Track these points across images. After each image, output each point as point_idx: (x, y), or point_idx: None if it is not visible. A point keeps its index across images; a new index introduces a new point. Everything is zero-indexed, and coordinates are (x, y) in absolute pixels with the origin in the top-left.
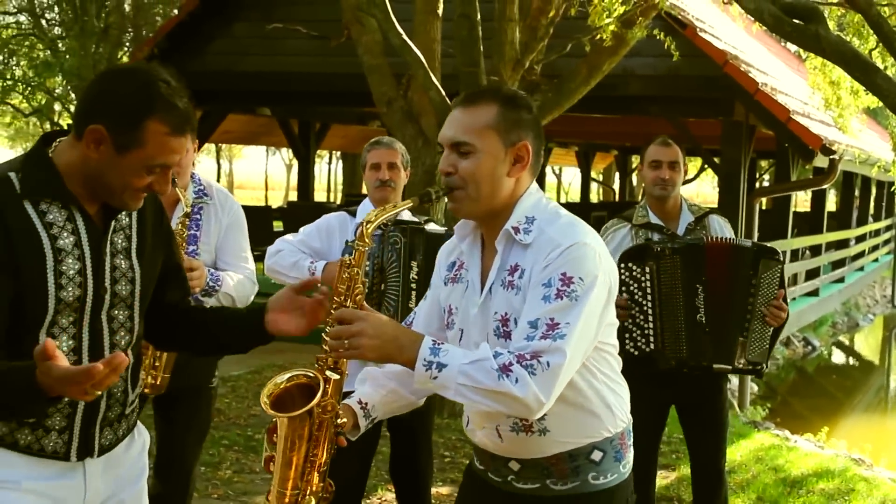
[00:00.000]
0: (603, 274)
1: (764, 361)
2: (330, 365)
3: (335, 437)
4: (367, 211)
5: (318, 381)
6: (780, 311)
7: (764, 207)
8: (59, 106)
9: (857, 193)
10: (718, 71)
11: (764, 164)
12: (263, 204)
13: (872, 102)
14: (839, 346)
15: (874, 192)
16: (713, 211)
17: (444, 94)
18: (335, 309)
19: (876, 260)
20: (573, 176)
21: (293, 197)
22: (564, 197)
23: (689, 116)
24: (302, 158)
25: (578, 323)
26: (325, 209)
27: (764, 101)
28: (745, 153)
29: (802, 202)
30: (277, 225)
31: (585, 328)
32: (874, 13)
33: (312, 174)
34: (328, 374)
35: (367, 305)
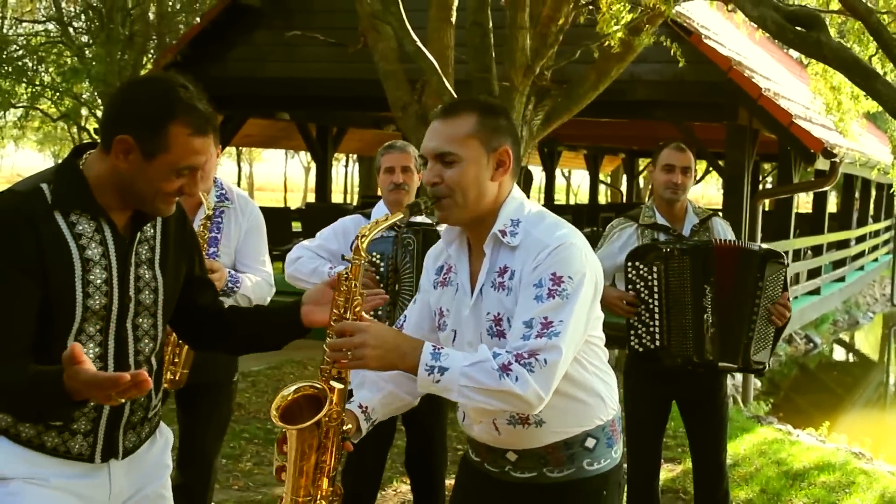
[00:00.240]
0: (590, 272)
1: (766, 361)
2: (334, 375)
3: (342, 442)
4: (381, 213)
5: (324, 391)
6: (784, 309)
7: (767, 209)
8: (85, 111)
9: (857, 195)
10: (723, 76)
11: (767, 166)
12: (282, 205)
13: (872, 107)
14: (840, 343)
15: (874, 194)
16: (716, 213)
17: (457, 98)
18: (335, 321)
19: (876, 260)
20: (582, 178)
21: (311, 199)
22: (573, 198)
23: (694, 120)
24: (320, 161)
25: (571, 320)
26: (341, 211)
27: (767, 105)
28: (748, 156)
29: (804, 204)
30: (296, 226)
31: (577, 324)
32: (874, 20)
33: (330, 176)
34: (332, 383)
35: (366, 316)
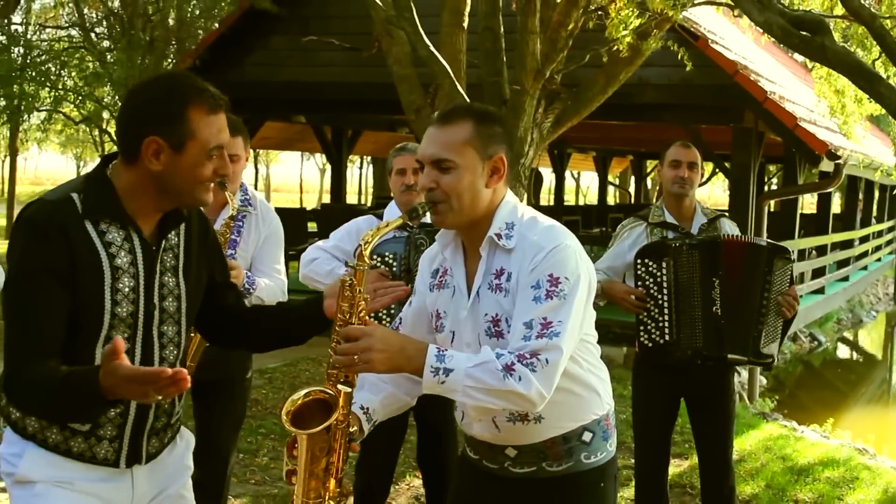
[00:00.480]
0: (584, 272)
1: (775, 354)
2: (341, 379)
3: (348, 444)
4: (393, 214)
5: (333, 396)
6: (793, 301)
7: (772, 209)
8: (107, 114)
9: (860, 196)
10: (729, 80)
11: (772, 168)
12: (298, 206)
13: (875, 110)
14: (844, 341)
15: (877, 195)
16: (724, 214)
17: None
18: (340, 327)
19: (879, 259)
20: (591, 179)
21: (326, 199)
22: (583, 199)
23: (701, 123)
24: (335, 163)
25: (569, 320)
26: (356, 211)
27: (772, 108)
28: (754, 158)
29: (809, 204)
30: (311, 226)
31: (574, 323)
32: (877, 25)
33: (345, 178)
34: (340, 387)
35: (370, 321)
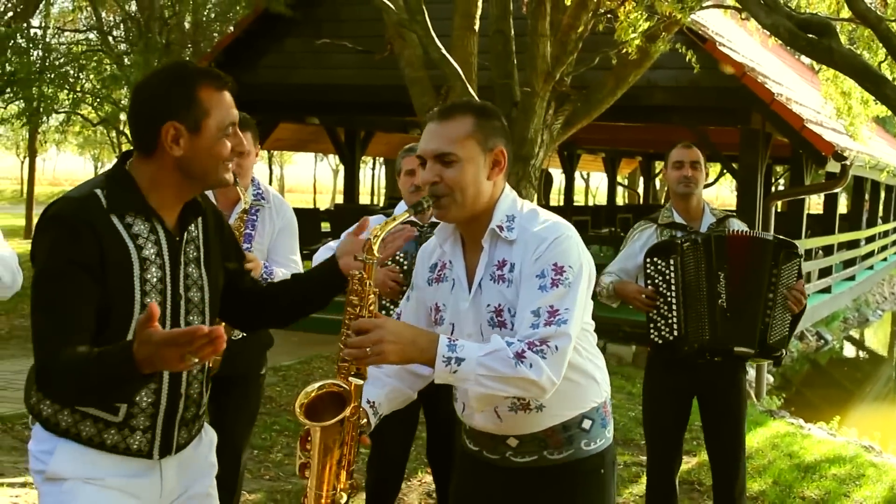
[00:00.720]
0: (585, 262)
1: (784, 348)
2: (353, 372)
3: (359, 436)
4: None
5: (346, 389)
6: (800, 295)
7: (779, 210)
8: (124, 116)
9: (866, 197)
10: (736, 82)
11: (779, 169)
12: (312, 206)
13: (881, 111)
14: (850, 340)
15: (883, 195)
16: (732, 214)
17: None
18: (350, 320)
19: (885, 259)
20: (600, 180)
21: (339, 200)
22: (592, 200)
23: (708, 125)
24: (348, 164)
25: (575, 307)
26: (369, 211)
27: (779, 110)
28: (761, 159)
29: (815, 205)
30: (325, 226)
31: (579, 311)
32: (883, 28)
33: (357, 179)
34: (351, 380)
35: (380, 314)
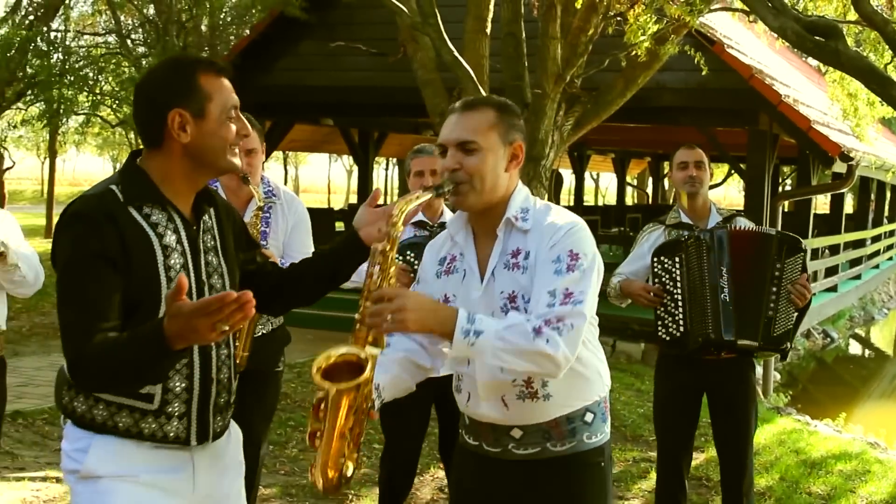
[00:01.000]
0: (597, 255)
1: (789, 341)
2: (370, 341)
3: (369, 410)
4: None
5: (363, 358)
6: (804, 289)
7: (786, 210)
8: None
9: (872, 197)
10: (744, 84)
11: (786, 169)
12: (326, 206)
13: (887, 113)
14: (856, 338)
15: (889, 195)
16: (739, 213)
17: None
18: (370, 291)
19: (890, 258)
20: (610, 181)
21: (353, 200)
22: (602, 200)
23: (717, 126)
24: (361, 165)
25: (589, 291)
26: None
27: (787, 111)
28: (768, 160)
29: (822, 205)
30: (339, 226)
31: (593, 297)
32: (890, 30)
33: (371, 179)
34: (368, 349)
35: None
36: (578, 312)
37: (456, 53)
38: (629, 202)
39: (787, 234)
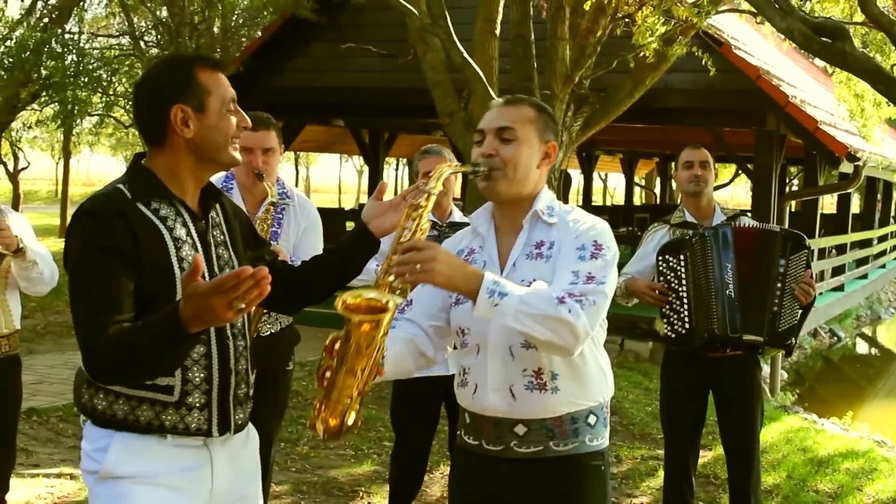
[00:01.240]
0: (617, 252)
1: (793, 337)
2: (395, 289)
3: (377, 366)
4: None
5: (386, 302)
6: (809, 286)
7: (793, 210)
8: None
9: (879, 197)
10: (751, 85)
11: (793, 169)
12: (337, 206)
13: (894, 113)
14: (863, 337)
15: (895, 195)
16: (744, 213)
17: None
18: (400, 243)
19: None
20: (618, 181)
21: (364, 200)
22: (610, 200)
23: (724, 126)
24: (372, 165)
25: (609, 279)
26: None
27: (794, 112)
28: (776, 160)
29: (829, 205)
30: (349, 225)
31: (612, 286)
32: None
33: (381, 179)
34: (392, 297)
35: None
36: (600, 291)
37: (465, 55)
38: (637, 202)
39: (791, 230)
